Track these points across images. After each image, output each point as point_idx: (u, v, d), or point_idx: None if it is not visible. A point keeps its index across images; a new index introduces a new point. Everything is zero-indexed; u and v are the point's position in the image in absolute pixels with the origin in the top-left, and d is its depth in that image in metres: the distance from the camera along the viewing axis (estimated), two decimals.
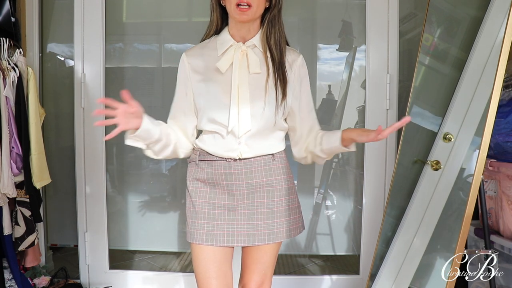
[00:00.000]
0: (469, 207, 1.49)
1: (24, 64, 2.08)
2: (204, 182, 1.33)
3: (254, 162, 1.30)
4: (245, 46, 1.28)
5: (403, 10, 2.37)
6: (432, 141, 2.05)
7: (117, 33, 2.47)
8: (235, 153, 1.28)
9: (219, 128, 1.29)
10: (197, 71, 1.31)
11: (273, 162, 1.34)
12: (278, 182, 1.34)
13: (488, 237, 1.66)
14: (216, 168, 1.30)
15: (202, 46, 1.34)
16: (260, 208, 1.31)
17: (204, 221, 1.30)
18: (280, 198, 1.33)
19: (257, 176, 1.31)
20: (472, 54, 1.97)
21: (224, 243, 1.29)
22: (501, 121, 1.91)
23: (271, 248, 1.35)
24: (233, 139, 1.27)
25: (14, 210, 2.08)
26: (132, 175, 2.56)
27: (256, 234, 1.30)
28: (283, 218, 1.33)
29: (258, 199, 1.32)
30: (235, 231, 1.30)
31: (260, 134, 1.29)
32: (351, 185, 2.54)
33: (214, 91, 1.29)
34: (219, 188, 1.31)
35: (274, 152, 1.34)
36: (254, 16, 1.23)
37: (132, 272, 2.49)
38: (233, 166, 1.29)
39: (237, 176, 1.29)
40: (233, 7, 1.20)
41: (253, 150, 1.29)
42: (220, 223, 1.30)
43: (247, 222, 1.30)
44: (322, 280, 2.45)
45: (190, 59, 1.33)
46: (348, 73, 2.49)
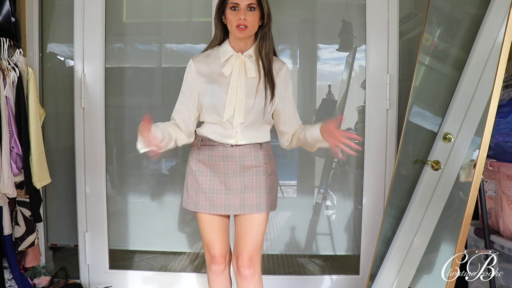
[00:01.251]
0: (469, 207, 1.49)
1: (24, 64, 2.08)
2: (205, 163, 1.64)
3: (246, 148, 1.62)
4: (243, 56, 1.60)
5: (403, 10, 2.38)
6: (432, 141, 2.05)
7: (117, 33, 2.48)
8: (232, 140, 1.60)
9: (219, 120, 1.59)
10: (202, 74, 1.61)
11: (261, 150, 1.65)
12: (264, 165, 1.65)
13: (488, 237, 1.66)
14: (216, 152, 1.62)
15: (207, 55, 1.65)
16: (249, 184, 1.62)
17: (206, 194, 1.62)
18: (265, 177, 1.64)
19: (248, 159, 1.62)
20: (472, 54, 1.97)
21: (222, 211, 1.62)
22: (501, 121, 1.91)
23: (258, 218, 1.63)
24: (231, 129, 1.59)
25: (14, 210, 2.08)
26: (132, 175, 2.56)
27: (246, 205, 1.61)
28: (266, 194, 1.63)
29: (248, 176, 1.62)
30: (230, 202, 1.61)
31: (251, 126, 1.61)
32: (351, 185, 2.54)
33: (217, 91, 1.58)
34: (217, 168, 1.62)
35: (262, 141, 1.66)
36: (249, 34, 1.56)
37: (132, 272, 2.49)
38: (230, 150, 1.61)
39: (232, 158, 1.61)
40: (234, 27, 1.54)
41: (246, 139, 1.61)
42: (218, 196, 1.62)
43: (239, 195, 1.61)
44: (322, 280, 2.45)
45: (197, 64, 1.62)
46: (348, 73, 2.49)
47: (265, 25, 1.58)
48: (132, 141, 2.51)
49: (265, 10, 1.56)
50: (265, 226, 1.66)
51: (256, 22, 1.56)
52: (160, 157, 2.56)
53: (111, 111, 2.45)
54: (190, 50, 2.50)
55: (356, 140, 1.52)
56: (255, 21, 1.55)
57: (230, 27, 1.56)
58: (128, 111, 2.51)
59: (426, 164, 2.03)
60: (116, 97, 2.48)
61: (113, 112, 2.47)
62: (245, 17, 1.52)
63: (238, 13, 1.52)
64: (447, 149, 1.96)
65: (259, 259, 1.66)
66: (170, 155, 2.56)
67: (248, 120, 1.59)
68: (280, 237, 2.54)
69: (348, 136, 1.45)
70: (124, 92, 2.49)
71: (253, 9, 1.54)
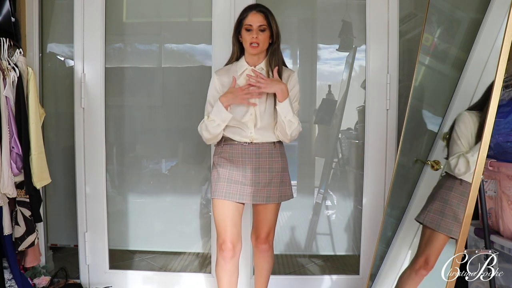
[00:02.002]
0: (469, 207, 1.49)
1: (24, 64, 2.08)
2: (226, 158, 1.91)
3: (261, 146, 1.90)
4: (256, 69, 1.88)
5: (403, 10, 2.38)
6: (432, 141, 2.05)
7: (117, 33, 2.48)
8: (248, 139, 1.88)
9: (238, 123, 1.87)
10: (224, 85, 1.90)
11: (274, 148, 1.92)
12: (276, 163, 1.91)
13: (488, 237, 1.66)
14: (235, 149, 1.90)
15: (227, 69, 1.94)
16: (263, 179, 1.89)
17: (224, 183, 1.88)
18: (277, 173, 1.91)
19: (263, 156, 1.90)
20: (472, 54, 1.97)
21: (237, 199, 1.87)
22: (501, 121, 1.91)
23: (271, 207, 1.94)
24: (247, 130, 1.88)
25: (14, 210, 2.08)
26: (132, 175, 2.56)
27: (258, 196, 1.88)
28: (277, 187, 1.91)
29: (262, 172, 1.89)
30: (244, 192, 1.88)
31: (265, 127, 1.89)
32: (351, 185, 2.54)
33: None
34: (236, 163, 1.90)
35: (275, 140, 1.92)
36: (261, 50, 1.87)
37: (132, 272, 2.49)
38: (247, 148, 1.89)
39: (249, 155, 1.89)
40: (247, 45, 1.84)
41: (260, 137, 1.89)
42: (235, 186, 1.88)
43: (253, 187, 1.88)
44: (322, 280, 2.45)
45: (219, 76, 1.92)
46: (348, 73, 2.49)
47: (275, 43, 1.88)
48: (132, 141, 2.54)
49: (274, 30, 1.86)
50: (277, 213, 1.98)
51: (267, 40, 1.86)
52: (160, 157, 2.57)
53: (111, 111, 2.45)
54: (190, 50, 2.50)
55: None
56: (265, 39, 1.85)
57: (245, 44, 1.86)
58: (128, 111, 2.51)
59: (426, 164, 2.03)
60: (116, 97, 2.48)
61: (113, 112, 2.47)
62: (257, 36, 1.82)
63: (251, 33, 1.82)
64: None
65: (273, 237, 2.01)
66: (170, 155, 2.56)
67: (261, 122, 1.87)
68: (280, 237, 2.54)
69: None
70: (124, 92, 2.49)
71: (263, 30, 1.83)
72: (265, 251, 2.01)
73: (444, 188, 1.83)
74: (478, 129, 1.71)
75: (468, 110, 1.81)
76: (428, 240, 1.82)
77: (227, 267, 1.88)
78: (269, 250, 2.02)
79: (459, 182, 1.76)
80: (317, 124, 2.55)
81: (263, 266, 2.05)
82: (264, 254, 2.02)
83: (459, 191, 1.76)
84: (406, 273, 1.90)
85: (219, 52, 2.32)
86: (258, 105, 1.86)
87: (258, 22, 1.82)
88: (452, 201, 1.77)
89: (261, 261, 2.04)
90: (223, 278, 1.90)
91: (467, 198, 1.58)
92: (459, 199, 1.75)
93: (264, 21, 1.83)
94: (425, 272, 1.80)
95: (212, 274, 2.43)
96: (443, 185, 1.84)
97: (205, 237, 2.53)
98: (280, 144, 1.96)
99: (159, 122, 2.52)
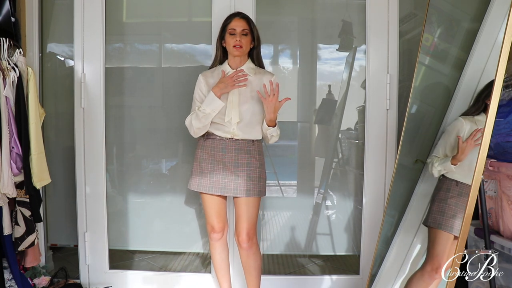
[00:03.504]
0: (469, 207, 1.49)
1: (24, 64, 2.08)
2: (208, 153, 2.04)
3: (241, 143, 2.02)
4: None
5: (403, 10, 2.38)
6: (432, 141, 2.05)
7: (117, 33, 2.47)
8: (229, 134, 2.01)
9: (222, 120, 2.00)
10: (209, 84, 2.04)
11: (253, 146, 2.04)
12: (254, 159, 2.03)
13: (488, 237, 1.66)
14: (217, 144, 2.02)
15: (212, 71, 2.09)
16: (242, 173, 2.00)
17: (207, 178, 2.03)
18: (255, 168, 2.02)
19: (242, 152, 2.02)
20: (472, 54, 1.97)
21: (219, 192, 2.01)
22: (501, 121, 1.91)
23: (251, 201, 2.02)
24: (230, 127, 2.00)
25: (14, 210, 2.08)
26: (132, 175, 2.56)
27: (238, 189, 2.00)
28: (256, 182, 2.02)
29: (241, 166, 2.01)
30: (225, 185, 2.01)
31: (247, 125, 2.01)
32: (351, 185, 2.54)
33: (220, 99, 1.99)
34: (217, 157, 2.02)
35: (253, 139, 2.04)
36: (243, 53, 2.02)
37: (132, 272, 2.49)
38: (228, 143, 2.01)
39: (229, 150, 2.01)
40: (231, 47, 2.00)
41: (241, 134, 2.01)
42: (217, 180, 2.02)
43: (233, 181, 2.00)
44: (322, 280, 2.45)
45: (205, 77, 2.06)
46: (348, 73, 2.49)
47: (256, 46, 2.07)
48: (132, 141, 2.53)
49: (255, 35, 2.05)
50: (258, 209, 2.06)
51: (249, 44, 2.02)
52: (160, 157, 2.57)
53: (111, 111, 2.45)
54: (190, 50, 2.50)
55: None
56: (248, 43, 2.01)
57: (229, 48, 2.01)
58: (128, 111, 2.51)
59: (426, 164, 2.03)
60: (116, 97, 2.48)
61: (113, 112, 2.47)
62: (240, 40, 1.98)
63: (235, 37, 1.99)
64: None
65: (255, 234, 2.06)
66: (170, 155, 2.56)
67: (243, 120, 2.00)
68: (280, 237, 2.54)
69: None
70: (124, 92, 2.49)
71: (246, 34, 2.00)
72: (248, 248, 2.04)
73: (442, 190, 1.89)
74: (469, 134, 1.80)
75: (463, 115, 1.89)
76: (435, 240, 1.85)
77: (216, 246, 2.14)
78: (252, 247, 2.05)
79: (455, 183, 1.84)
80: (317, 124, 2.54)
81: (250, 265, 2.08)
82: (248, 252, 2.05)
83: (456, 192, 1.84)
84: (416, 275, 1.90)
85: None
86: (240, 104, 2.00)
87: (241, 26, 1.99)
88: (451, 201, 1.84)
89: (246, 259, 2.08)
90: (215, 254, 2.16)
91: (465, 198, 1.64)
92: (457, 199, 1.82)
93: (247, 26, 2.01)
94: (436, 275, 1.81)
95: (212, 274, 2.43)
96: (442, 187, 1.90)
97: (205, 237, 2.53)
98: (259, 143, 2.07)
99: (159, 122, 2.52)
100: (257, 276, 2.10)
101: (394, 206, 2.10)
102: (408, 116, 2.07)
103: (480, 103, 1.84)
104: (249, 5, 2.30)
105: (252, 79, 2.03)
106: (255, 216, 2.05)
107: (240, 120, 1.99)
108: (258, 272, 2.10)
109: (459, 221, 1.75)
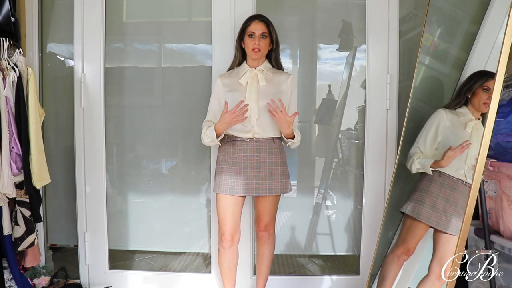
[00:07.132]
0: (469, 207, 1.49)
1: (24, 64, 2.08)
2: (229, 155, 2.05)
3: (261, 142, 2.03)
4: (256, 70, 2.05)
5: (403, 10, 2.37)
6: None
7: (117, 33, 2.47)
8: (250, 133, 2.02)
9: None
10: (226, 85, 2.08)
11: (273, 144, 2.05)
12: (276, 157, 2.04)
13: (488, 237, 1.66)
14: (238, 145, 2.04)
15: (230, 72, 2.13)
16: (264, 172, 2.02)
17: (227, 179, 2.02)
18: (276, 166, 2.04)
19: (263, 151, 2.03)
20: (472, 54, 1.97)
21: (240, 193, 2.02)
22: (501, 121, 1.91)
23: (271, 199, 2.07)
24: (249, 124, 2.01)
25: (14, 210, 2.08)
26: (132, 175, 2.55)
27: (261, 189, 2.01)
28: (278, 180, 2.03)
29: (262, 166, 2.02)
30: (247, 186, 2.01)
31: (265, 122, 2.02)
32: (351, 185, 2.54)
33: (237, 95, 2.03)
34: (238, 158, 2.03)
35: (274, 136, 2.05)
36: (262, 56, 2.05)
37: (132, 272, 2.49)
38: (248, 143, 2.03)
39: (250, 150, 2.03)
40: (250, 50, 2.02)
41: (262, 133, 2.02)
42: (237, 181, 2.01)
43: (255, 180, 2.01)
44: (322, 280, 2.45)
45: (222, 79, 2.10)
46: (348, 73, 2.49)
47: (275, 49, 2.08)
48: (132, 141, 2.53)
49: (274, 38, 2.05)
50: (277, 204, 2.11)
51: (267, 47, 2.04)
52: (160, 157, 2.56)
53: (111, 111, 2.45)
54: (190, 50, 2.50)
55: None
56: (266, 45, 2.03)
57: (247, 50, 2.04)
58: (128, 111, 2.51)
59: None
60: (116, 97, 2.48)
61: (113, 112, 2.47)
62: (259, 43, 1.99)
63: (254, 39, 2.00)
64: None
65: (274, 225, 2.15)
66: (170, 155, 2.56)
67: (262, 117, 2.00)
68: (280, 237, 2.54)
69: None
70: (124, 92, 2.49)
71: (265, 37, 2.01)
72: (266, 238, 2.14)
73: (425, 180, 1.96)
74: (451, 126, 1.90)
75: (444, 108, 1.96)
76: (410, 228, 1.96)
77: (226, 254, 2.10)
78: (270, 237, 2.15)
79: (438, 174, 1.91)
80: (317, 124, 2.54)
81: (263, 252, 2.18)
82: (264, 240, 2.15)
83: (438, 183, 1.91)
84: (388, 257, 2.04)
85: (219, 52, 2.32)
86: (258, 101, 2.01)
87: (261, 29, 2.00)
88: (432, 191, 1.91)
89: (261, 247, 2.18)
90: (223, 262, 2.12)
91: (447, 190, 1.85)
92: (438, 190, 1.90)
93: (266, 29, 2.01)
94: (406, 257, 1.98)
95: (212, 274, 2.43)
96: (424, 177, 1.97)
97: (205, 237, 2.53)
98: (279, 140, 2.08)
99: (159, 122, 2.52)
100: (268, 266, 2.20)
101: (394, 206, 2.10)
102: (408, 116, 2.07)
103: (461, 96, 1.92)
104: (249, 5, 2.31)
105: (271, 77, 2.05)
106: (276, 211, 2.13)
107: (258, 116, 2.00)
108: (269, 261, 2.19)
109: (437, 212, 1.88)
